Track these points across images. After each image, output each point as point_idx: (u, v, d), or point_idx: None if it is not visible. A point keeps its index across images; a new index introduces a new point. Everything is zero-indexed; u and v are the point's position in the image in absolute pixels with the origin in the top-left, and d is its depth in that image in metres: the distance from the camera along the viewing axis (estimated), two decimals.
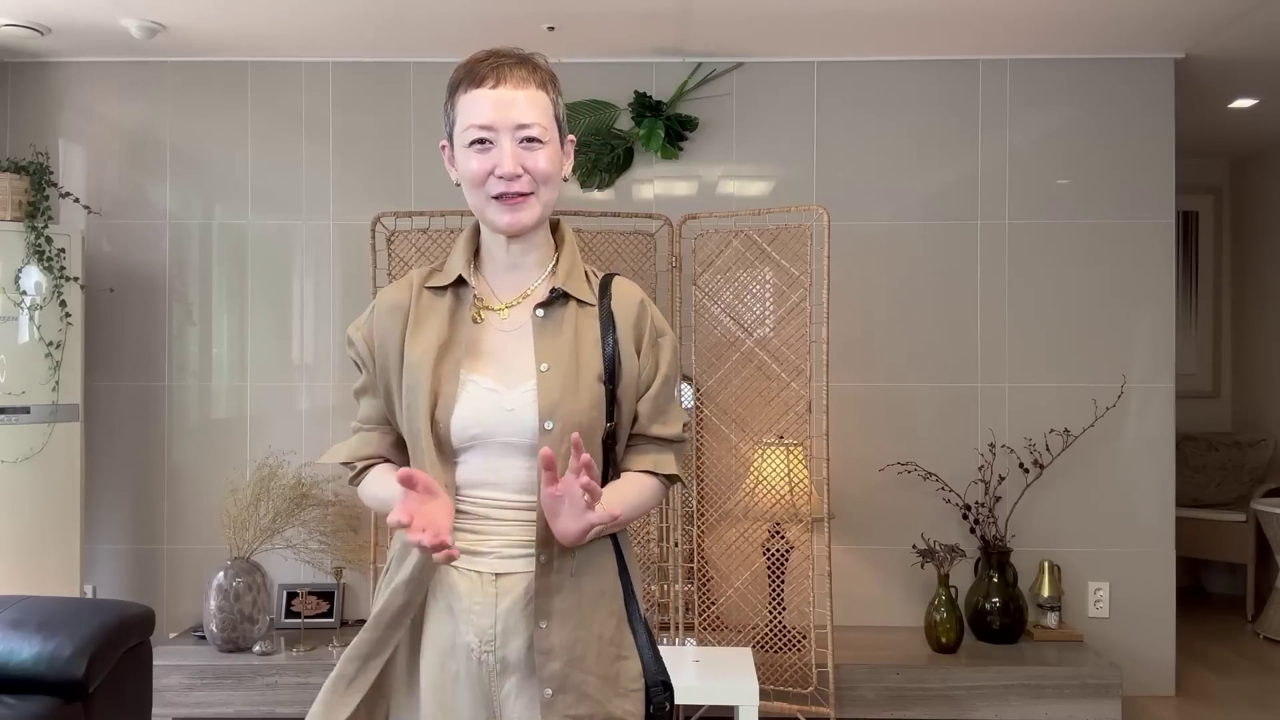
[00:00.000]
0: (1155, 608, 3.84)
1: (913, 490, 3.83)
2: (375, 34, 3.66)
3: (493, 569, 1.42)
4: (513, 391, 1.42)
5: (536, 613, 1.39)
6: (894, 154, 3.89)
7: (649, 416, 1.50)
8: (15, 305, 3.47)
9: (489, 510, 1.43)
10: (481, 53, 1.45)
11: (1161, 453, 3.87)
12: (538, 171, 1.42)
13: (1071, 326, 3.87)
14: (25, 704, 2.37)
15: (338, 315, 3.93)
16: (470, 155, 1.43)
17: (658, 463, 1.51)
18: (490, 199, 1.43)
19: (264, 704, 3.41)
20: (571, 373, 1.42)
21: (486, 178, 1.42)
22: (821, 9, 3.41)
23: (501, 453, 1.42)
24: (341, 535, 3.71)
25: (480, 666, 1.41)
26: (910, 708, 3.40)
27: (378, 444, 1.53)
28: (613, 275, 1.56)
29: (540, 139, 1.42)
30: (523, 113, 1.41)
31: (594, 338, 1.47)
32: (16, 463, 3.46)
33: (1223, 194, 5.64)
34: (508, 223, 1.44)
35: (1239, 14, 3.41)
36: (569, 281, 1.49)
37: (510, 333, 1.47)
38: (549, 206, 1.47)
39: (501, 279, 1.51)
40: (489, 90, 1.40)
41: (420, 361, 1.43)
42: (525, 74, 1.42)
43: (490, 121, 1.40)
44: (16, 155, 3.74)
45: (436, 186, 3.88)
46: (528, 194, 1.43)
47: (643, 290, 1.56)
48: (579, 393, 1.41)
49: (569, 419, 1.39)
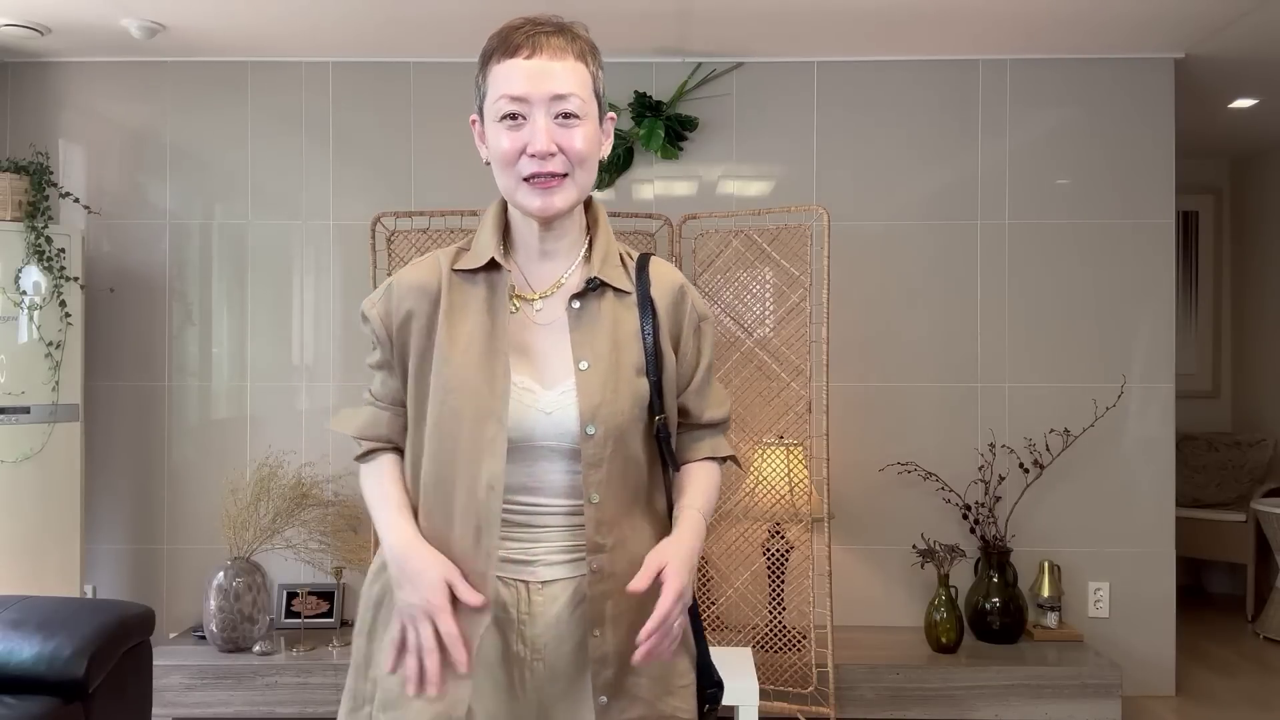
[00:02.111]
0: (1155, 608, 3.84)
1: (913, 490, 3.83)
2: (375, 34, 3.66)
3: (539, 577, 1.36)
4: (551, 392, 1.35)
5: (590, 620, 1.35)
6: (894, 154, 3.90)
7: (697, 409, 1.47)
8: (15, 305, 3.47)
9: (531, 517, 1.37)
10: (517, 19, 1.34)
11: (1161, 453, 3.87)
12: (573, 151, 1.31)
13: (1071, 326, 3.87)
14: (25, 704, 2.37)
15: (338, 315, 3.93)
16: (501, 131, 1.31)
17: (714, 447, 1.49)
18: (521, 180, 1.32)
19: (264, 704, 3.41)
20: (612, 370, 1.35)
21: (518, 156, 1.31)
22: (821, 9, 3.41)
23: (541, 456, 1.35)
24: (341, 535, 3.71)
25: (529, 674, 1.37)
26: (910, 708, 3.40)
27: (389, 426, 1.44)
28: (649, 256, 1.46)
29: (577, 114, 1.31)
30: (559, 84, 1.29)
31: (633, 328, 1.39)
32: (16, 463, 3.46)
33: (1223, 194, 5.64)
34: (539, 207, 1.33)
35: (1239, 14, 3.41)
36: (605, 269, 1.39)
37: (545, 326, 1.38)
38: (585, 190, 1.36)
39: (533, 266, 1.41)
40: (523, 60, 1.29)
41: (464, 360, 1.34)
42: (563, 43, 1.31)
43: (524, 93, 1.29)
44: (16, 155, 3.74)
45: (436, 186, 3.88)
46: (562, 175, 1.32)
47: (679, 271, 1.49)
48: (620, 392, 1.34)
49: (611, 422, 1.33)
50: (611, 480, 1.34)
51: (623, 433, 1.34)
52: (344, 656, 3.51)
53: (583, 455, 1.33)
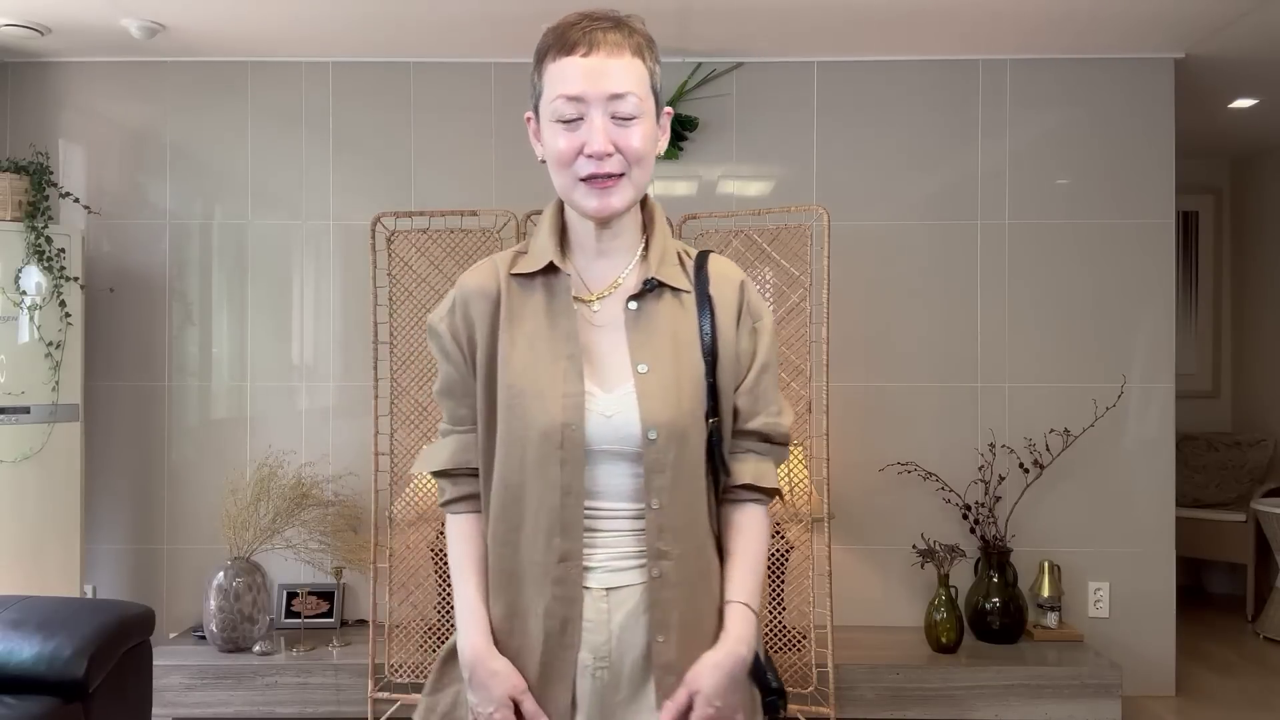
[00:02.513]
0: (1155, 608, 3.84)
1: (913, 490, 3.83)
2: (375, 34, 3.66)
3: (603, 584, 1.35)
4: (610, 395, 1.33)
5: (654, 627, 1.33)
6: (894, 153, 3.89)
7: (748, 410, 1.40)
8: (15, 305, 3.47)
9: (597, 521, 1.35)
10: (573, 15, 1.32)
11: (1161, 453, 3.87)
12: (631, 150, 1.30)
13: (1071, 326, 3.87)
14: (25, 704, 2.37)
15: (338, 315, 3.93)
16: (558, 131, 1.30)
17: (758, 473, 1.41)
18: (578, 181, 1.31)
19: (264, 704, 3.41)
20: (671, 373, 1.33)
21: (575, 157, 1.30)
22: (821, 9, 3.41)
23: (601, 460, 1.33)
24: (341, 535, 3.71)
25: (595, 681, 1.36)
26: (910, 708, 3.40)
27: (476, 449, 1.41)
28: (708, 254, 1.43)
29: (635, 113, 1.29)
30: (616, 83, 1.28)
31: (692, 328, 1.37)
32: (16, 463, 3.46)
33: (1223, 194, 5.64)
34: (596, 207, 1.32)
35: (1239, 14, 3.41)
36: (662, 268, 1.37)
37: (603, 328, 1.37)
38: (641, 189, 1.35)
39: (590, 266, 1.39)
40: (580, 59, 1.28)
41: (524, 364, 1.34)
42: (620, 39, 1.29)
43: (581, 93, 1.28)
44: (16, 155, 3.74)
45: (436, 186, 3.88)
46: (619, 175, 1.30)
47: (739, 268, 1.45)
48: (681, 395, 1.33)
49: (674, 426, 1.32)
50: (675, 486, 1.32)
51: (685, 437, 1.33)
52: (343, 656, 3.51)
53: (645, 460, 1.32)
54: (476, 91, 3.90)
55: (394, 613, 3.35)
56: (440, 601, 3.40)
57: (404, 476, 3.37)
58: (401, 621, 3.35)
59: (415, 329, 3.36)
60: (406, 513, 3.36)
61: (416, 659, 3.35)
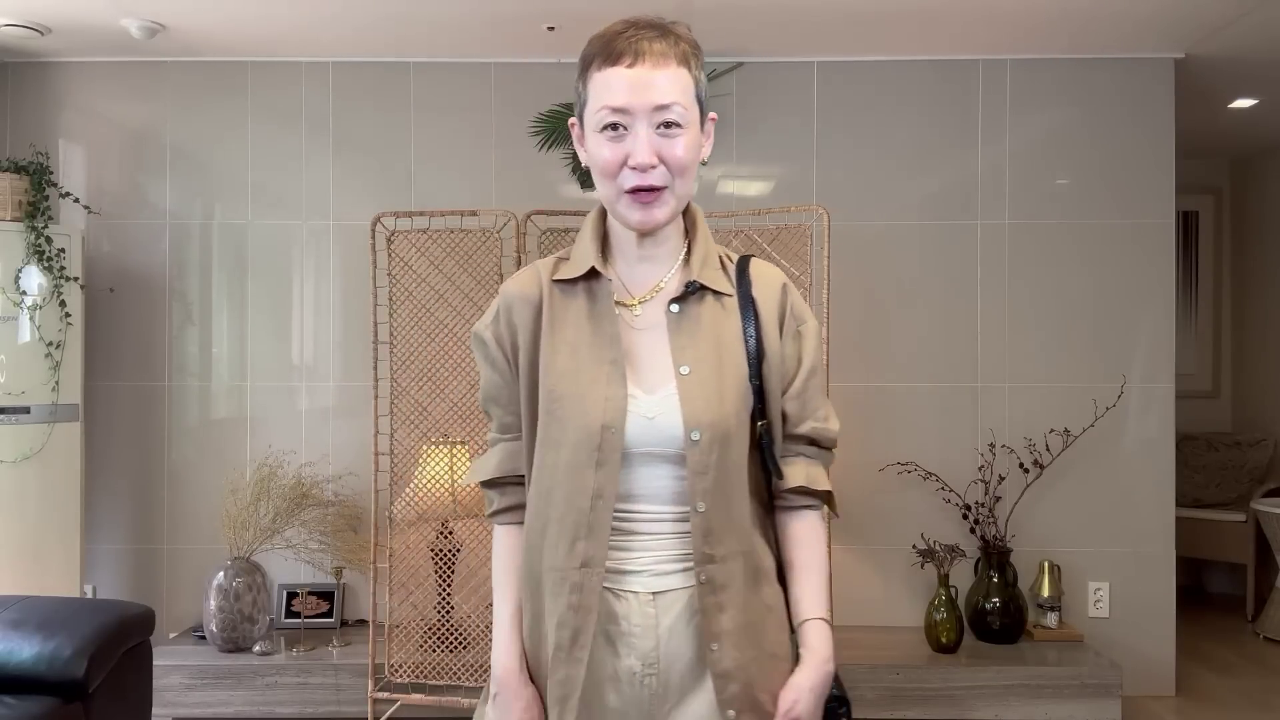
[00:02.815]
0: (1155, 608, 3.84)
1: (913, 490, 3.83)
2: (375, 34, 3.66)
3: (649, 587, 1.33)
4: (652, 397, 1.33)
5: (706, 635, 1.31)
6: (894, 154, 3.89)
7: (797, 414, 1.40)
8: (15, 305, 3.47)
9: (637, 524, 1.34)
10: (619, 24, 1.32)
11: (1161, 453, 3.87)
12: (675, 161, 1.30)
13: (1071, 326, 3.87)
14: (25, 704, 2.37)
15: (338, 315, 3.93)
16: (602, 142, 1.31)
17: (810, 476, 1.40)
18: (623, 193, 1.31)
19: (264, 704, 3.41)
20: (714, 374, 1.33)
21: (619, 168, 1.30)
22: (821, 9, 3.41)
23: (642, 463, 1.33)
24: (341, 535, 3.72)
25: (642, 689, 1.34)
26: (910, 708, 3.40)
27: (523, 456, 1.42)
28: (749, 258, 1.44)
29: (680, 123, 1.30)
30: (662, 94, 1.28)
31: (735, 330, 1.37)
32: (16, 463, 3.46)
33: (1223, 194, 5.64)
34: (639, 220, 1.33)
35: (1239, 14, 3.41)
36: (704, 272, 1.38)
37: (644, 331, 1.37)
38: (684, 200, 1.36)
39: (632, 272, 1.40)
40: (625, 69, 1.28)
41: (565, 369, 1.34)
42: (666, 48, 1.29)
43: (626, 104, 1.28)
44: (16, 155, 3.74)
45: (436, 186, 3.88)
46: (662, 188, 1.31)
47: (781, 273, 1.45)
48: (724, 396, 1.32)
49: (717, 427, 1.31)
50: (719, 488, 1.31)
51: (728, 438, 1.32)
52: (343, 656, 3.51)
53: (688, 462, 1.31)
54: (476, 91, 3.90)
55: (394, 613, 3.35)
56: (440, 601, 3.40)
57: (404, 476, 3.37)
58: (401, 621, 3.35)
59: (415, 329, 3.36)
60: (406, 513, 3.35)
61: (416, 659, 3.35)
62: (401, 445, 3.36)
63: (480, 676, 3.31)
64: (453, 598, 3.40)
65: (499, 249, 3.35)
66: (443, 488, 3.33)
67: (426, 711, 3.36)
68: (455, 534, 3.41)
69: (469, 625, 3.39)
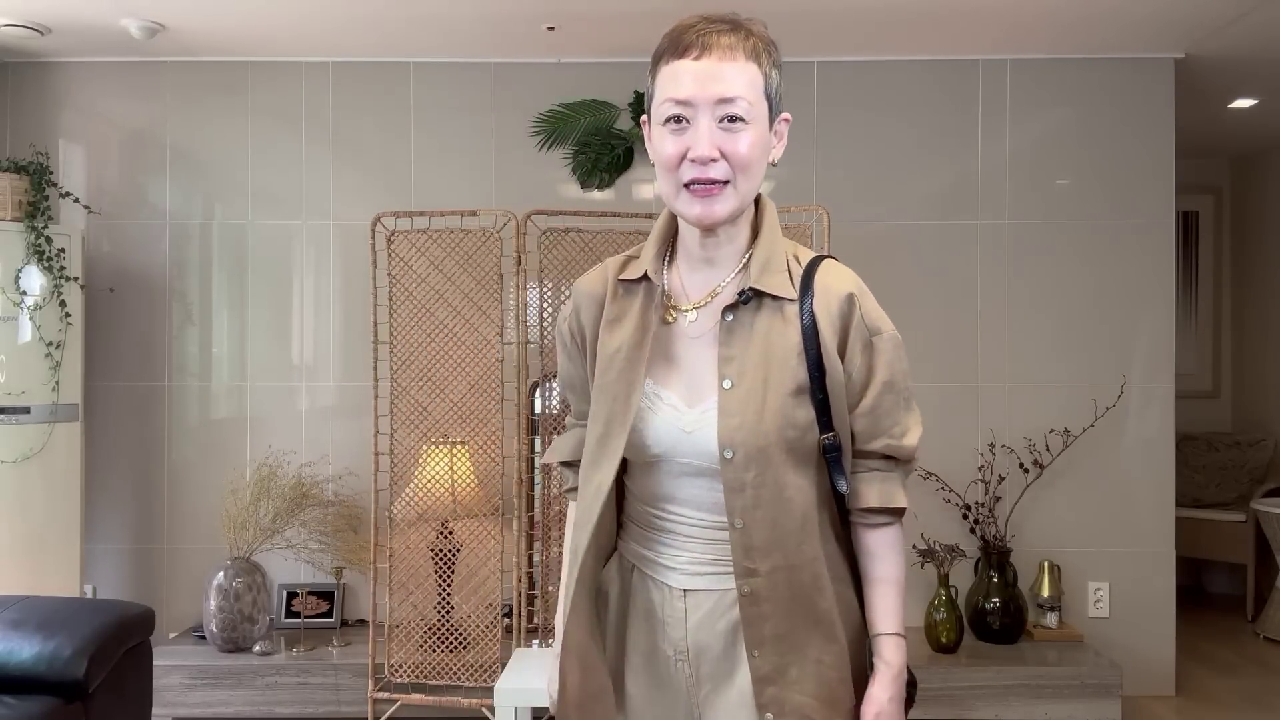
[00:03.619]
0: (1155, 608, 3.84)
1: (913, 490, 3.79)
2: (375, 34, 3.66)
3: (681, 585, 1.37)
4: (693, 411, 1.33)
5: (749, 643, 1.32)
6: (894, 154, 3.89)
7: (868, 431, 1.35)
8: (15, 305, 3.47)
9: (675, 526, 1.37)
10: (691, 18, 1.30)
11: (1161, 453, 3.87)
12: (737, 156, 1.26)
13: (1071, 326, 3.87)
14: (25, 704, 2.37)
15: (338, 315, 3.93)
16: (665, 135, 1.28)
17: (884, 494, 1.36)
18: (681, 187, 1.28)
19: (264, 704, 3.41)
20: (758, 390, 1.29)
21: (680, 161, 1.27)
22: (821, 9, 3.41)
23: (683, 472, 1.35)
24: (341, 535, 3.72)
25: (678, 673, 1.39)
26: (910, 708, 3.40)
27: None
28: (819, 261, 1.37)
29: (744, 117, 1.26)
30: (727, 86, 1.25)
31: (792, 342, 1.32)
32: (16, 463, 3.46)
33: (1223, 194, 5.64)
34: (698, 215, 1.29)
35: (1239, 14, 3.41)
36: (763, 277, 1.32)
37: (697, 339, 1.35)
38: (748, 198, 1.31)
39: (694, 274, 1.38)
40: (691, 62, 1.26)
41: (609, 364, 1.36)
42: (734, 41, 1.27)
43: (689, 96, 1.25)
44: (16, 155, 3.74)
45: (436, 186, 3.88)
46: (723, 182, 1.27)
47: (858, 278, 1.38)
48: (766, 414, 1.28)
49: (751, 445, 1.28)
50: (759, 504, 1.29)
51: (767, 456, 1.29)
52: (343, 656, 3.51)
53: (723, 479, 1.30)
54: (476, 91, 3.90)
55: (394, 613, 3.35)
56: (440, 601, 3.40)
57: (404, 476, 3.37)
58: (401, 621, 3.35)
59: (415, 329, 3.36)
60: (406, 513, 3.36)
61: (416, 659, 3.35)
62: (401, 445, 3.36)
63: (480, 676, 3.31)
64: (453, 598, 3.40)
65: (499, 249, 3.35)
66: (443, 488, 3.33)
67: (426, 711, 3.36)
68: (455, 534, 3.41)
69: (469, 625, 3.39)
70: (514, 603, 3.34)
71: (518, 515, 3.34)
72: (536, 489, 3.51)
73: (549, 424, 3.49)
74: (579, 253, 3.46)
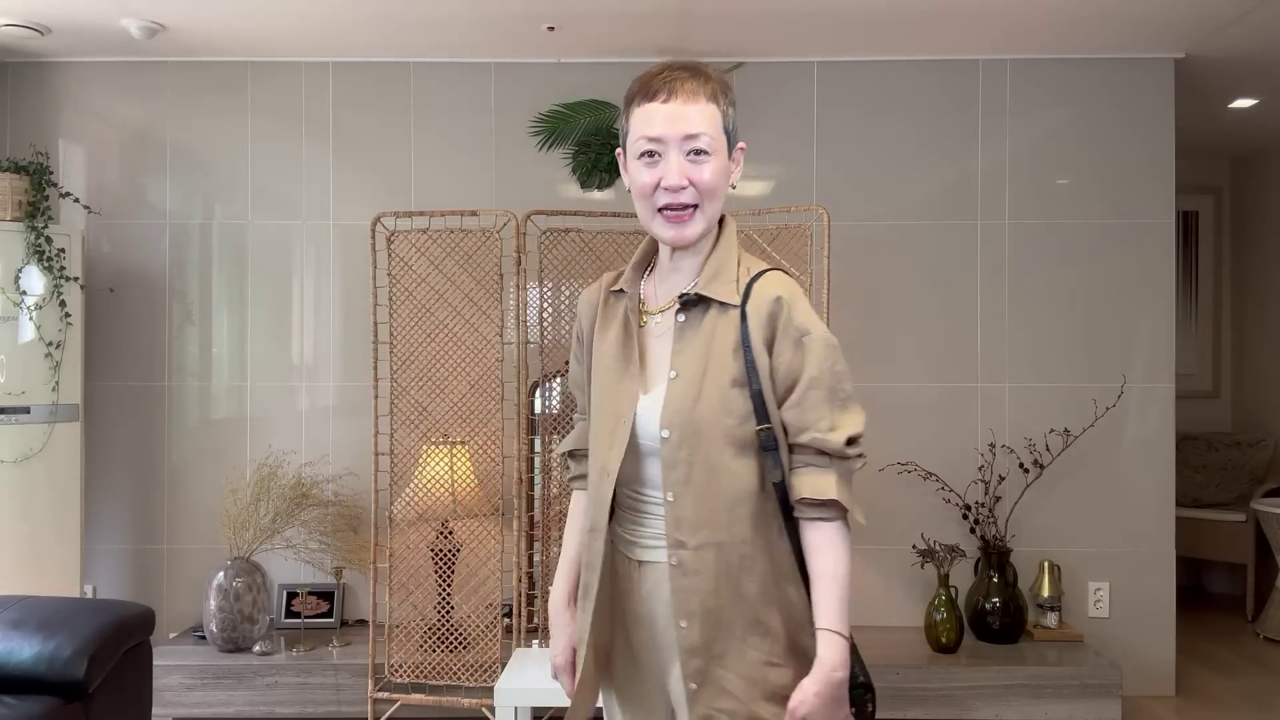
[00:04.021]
0: (1155, 608, 3.84)
1: (913, 490, 3.83)
2: (375, 34, 3.66)
3: (638, 556, 1.55)
4: (648, 397, 1.52)
5: (675, 613, 1.47)
6: (894, 154, 3.89)
7: (795, 424, 1.47)
8: (15, 305, 3.47)
9: (635, 503, 1.55)
10: (656, 66, 1.52)
11: (1161, 453, 3.87)
12: (703, 184, 1.48)
13: (1071, 326, 3.87)
14: (25, 704, 2.37)
15: (338, 315, 3.93)
16: (640, 167, 1.50)
17: (816, 486, 1.45)
18: (656, 211, 1.50)
19: (264, 704, 3.41)
20: (697, 380, 1.47)
21: (654, 190, 1.48)
22: (821, 9, 3.41)
23: (646, 453, 1.52)
24: (341, 535, 3.71)
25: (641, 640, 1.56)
26: (910, 708, 3.40)
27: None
28: (765, 271, 1.53)
29: (707, 150, 1.47)
30: (692, 124, 1.46)
31: (732, 340, 1.48)
32: (16, 463, 3.46)
33: (1223, 194, 5.64)
34: (672, 237, 1.51)
35: (1239, 14, 3.41)
36: (711, 285, 1.51)
37: (660, 338, 1.55)
38: (712, 219, 1.52)
39: (664, 283, 1.58)
40: (660, 105, 1.47)
41: (602, 366, 1.58)
42: (696, 86, 1.48)
43: (660, 134, 1.47)
44: (16, 155, 3.74)
45: (436, 186, 3.88)
46: (691, 206, 1.48)
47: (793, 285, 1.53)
48: (702, 401, 1.46)
49: (686, 428, 1.45)
50: (689, 482, 1.46)
51: (701, 439, 1.45)
52: (343, 656, 3.51)
53: (662, 456, 1.48)
54: (476, 91, 3.90)
55: (394, 613, 3.35)
56: (440, 601, 3.40)
57: (404, 476, 3.37)
58: (401, 621, 3.35)
59: (415, 329, 3.36)
60: (406, 513, 3.36)
61: (416, 659, 3.35)
62: (401, 445, 3.36)
63: (480, 676, 3.31)
64: (453, 598, 3.40)
65: (499, 249, 3.35)
66: (443, 488, 3.33)
67: (426, 711, 3.36)
68: (455, 534, 3.41)
69: (469, 625, 3.39)
70: (514, 603, 3.34)
71: (518, 515, 3.34)
72: (536, 489, 3.51)
73: (549, 424, 3.49)
74: (579, 253, 3.46)
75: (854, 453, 1.46)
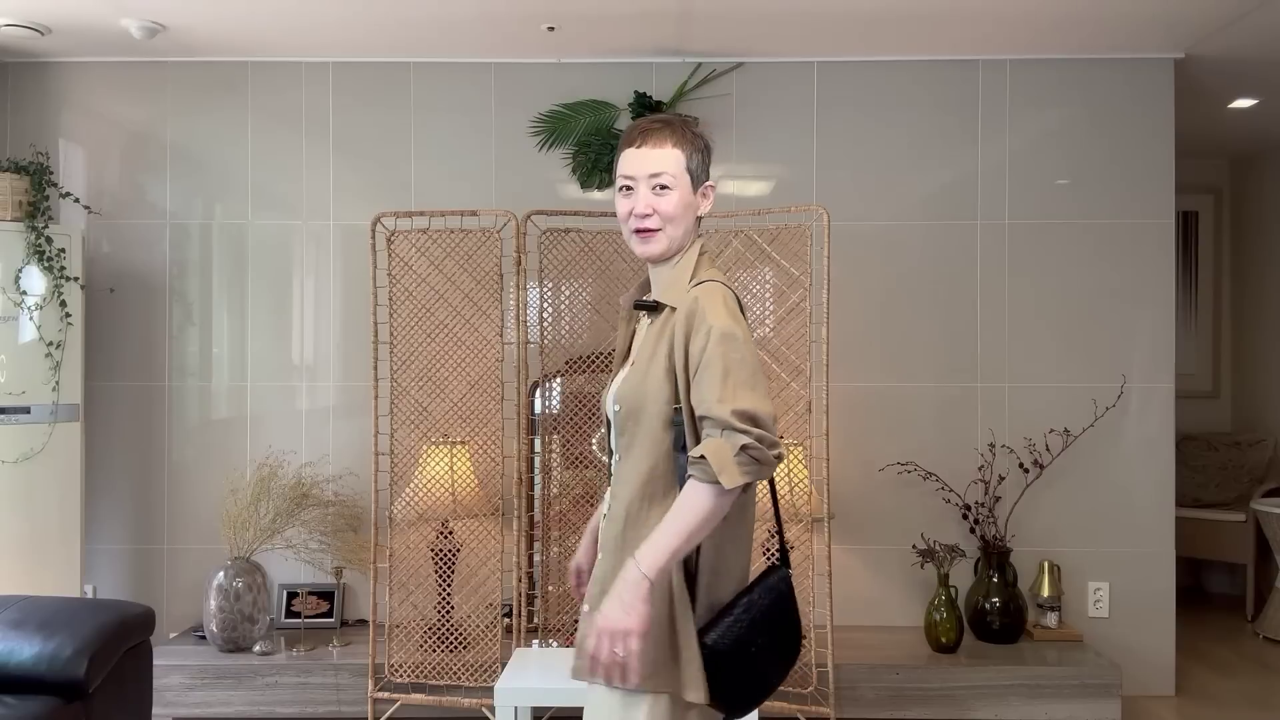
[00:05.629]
0: (1155, 608, 3.84)
1: (913, 490, 3.83)
2: (375, 34, 3.66)
3: (603, 511, 1.88)
4: (615, 380, 1.89)
5: (599, 547, 1.83)
6: (894, 154, 3.90)
7: (695, 401, 1.71)
8: (15, 305, 3.47)
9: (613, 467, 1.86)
10: (643, 120, 1.86)
11: (1161, 453, 3.87)
12: (664, 211, 1.80)
13: (1071, 326, 3.87)
14: (25, 704, 2.37)
15: (338, 315, 3.93)
16: (620, 198, 1.84)
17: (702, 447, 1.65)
18: (632, 233, 1.83)
19: (264, 704, 3.42)
20: (644, 367, 1.78)
21: (629, 216, 1.82)
22: (821, 9, 3.41)
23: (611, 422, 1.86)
24: (341, 535, 3.72)
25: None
26: (910, 708, 3.40)
27: None
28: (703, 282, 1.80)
29: (669, 185, 1.79)
30: (656, 164, 1.79)
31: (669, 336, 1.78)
32: (16, 463, 3.46)
33: (1223, 194, 5.64)
34: (641, 253, 1.84)
35: (1239, 14, 3.41)
36: (666, 292, 1.82)
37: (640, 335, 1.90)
38: (674, 240, 1.82)
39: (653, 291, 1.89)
40: (635, 150, 1.81)
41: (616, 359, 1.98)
42: (665, 135, 1.81)
43: (632, 173, 1.81)
44: (16, 155, 3.74)
45: (436, 186, 3.88)
46: (655, 230, 1.80)
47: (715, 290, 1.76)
48: (643, 384, 1.77)
49: (627, 403, 1.78)
50: (629, 446, 1.78)
51: (642, 414, 1.76)
52: (343, 656, 3.51)
53: (615, 425, 1.82)
54: (476, 91, 3.90)
55: (394, 613, 3.35)
56: (440, 601, 3.40)
57: (404, 476, 3.37)
58: (401, 621, 3.36)
59: (415, 329, 3.36)
60: (406, 513, 3.36)
61: (416, 659, 3.35)
62: (401, 445, 3.36)
63: (480, 676, 3.32)
64: (453, 598, 3.40)
65: (499, 249, 3.35)
66: (443, 488, 3.34)
67: (426, 711, 3.37)
68: (455, 534, 3.41)
69: (469, 625, 3.39)
70: (514, 603, 3.34)
71: (518, 515, 3.34)
72: (536, 489, 3.51)
73: (549, 424, 3.50)
74: (579, 253, 3.46)
75: (743, 426, 1.63)
